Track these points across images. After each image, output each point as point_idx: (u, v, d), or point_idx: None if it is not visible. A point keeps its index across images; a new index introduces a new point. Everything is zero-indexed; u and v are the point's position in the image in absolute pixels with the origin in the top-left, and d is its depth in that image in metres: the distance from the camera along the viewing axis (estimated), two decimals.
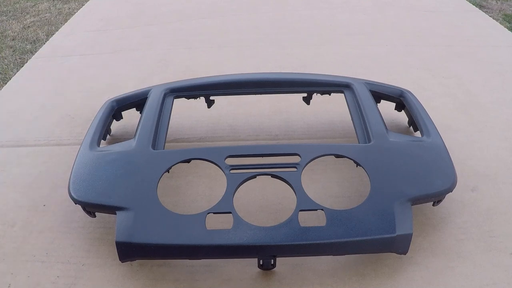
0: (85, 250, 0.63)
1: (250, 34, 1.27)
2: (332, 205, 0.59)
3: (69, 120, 0.91)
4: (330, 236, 0.54)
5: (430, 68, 1.06)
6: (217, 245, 0.54)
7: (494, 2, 3.60)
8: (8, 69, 2.85)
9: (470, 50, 1.15)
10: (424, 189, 0.60)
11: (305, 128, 0.86)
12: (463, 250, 0.61)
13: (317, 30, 1.29)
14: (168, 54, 1.17)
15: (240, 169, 0.62)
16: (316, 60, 1.12)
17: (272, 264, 0.57)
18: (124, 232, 0.55)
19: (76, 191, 0.62)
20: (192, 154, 0.66)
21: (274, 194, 0.70)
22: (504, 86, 0.98)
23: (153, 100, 0.78)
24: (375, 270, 0.59)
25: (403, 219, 0.56)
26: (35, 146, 0.84)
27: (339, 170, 0.75)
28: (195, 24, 1.36)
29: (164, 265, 0.60)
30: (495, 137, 0.82)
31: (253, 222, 0.56)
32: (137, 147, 0.67)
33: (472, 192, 0.70)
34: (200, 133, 0.86)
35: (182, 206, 0.69)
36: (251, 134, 0.85)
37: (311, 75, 0.85)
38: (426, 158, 0.64)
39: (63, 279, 0.59)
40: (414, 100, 0.78)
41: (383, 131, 0.69)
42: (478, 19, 1.34)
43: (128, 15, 1.45)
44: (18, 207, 0.70)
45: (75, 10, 3.38)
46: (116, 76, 1.08)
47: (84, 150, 0.69)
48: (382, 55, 1.13)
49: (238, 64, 1.11)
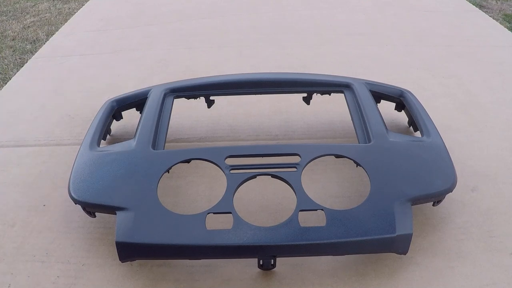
0: (85, 250, 0.63)
1: (250, 34, 1.27)
2: (332, 205, 0.59)
3: (69, 120, 0.91)
4: (330, 236, 0.54)
5: (430, 68, 1.06)
6: (217, 245, 0.54)
7: (494, 2, 3.60)
8: (8, 69, 2.85)
9: (470, 50, 1.15)
10: (424, 189, 0.60)
11: (305, 128, 0.86)
12: (463, 250, 0.61)
13: (317, 30, 1.29)
14: (168, 54, 1.17)
15: (240, 169, 0.62)
16: (316, 60, 1.12)
17: (272, 264, 0.57)
18: (124, 232, 0.55)
19: (76, 191, 0.62)
20: (192, 154, 0.66)
21: (274, 194, 0.70)
22: (504, 86, 0.98)
23: (153, 100, 0.78)
24: (375, 270, 0.59)
25: (403, 219, 0.56)
26: (35, 146, 0.84)
27: (339, 170, 0.75)
28: (195, 24, 1.36)
29: (164, 265, 0.60)
30: (495, 137, 0.82)
31: (253, 222, 0.56)
32: (137, 147, 0.67)
33: (472, 192, 0.70)
34: (200, 133, 0.86)
35: (182, 206, 0.69)
36: (251, 134, 0.85)
37: (311, 75, 0.85)
38: (426, 158, 0.64)
39: (63, 279, 0.59)
40: (414, 100, 0.78)
41: (383, 131, 0.69)
42: (478, 19, 1.34)
43: (128, 15, 1.45)
44: (18, 207, 0.70)
45: (75, 10, 3.38)
46: (116, 76, 1.08)
47: (84, 150, 0.69)
48: (382, 55, 1.13)
49: (238, 64, 1.11)
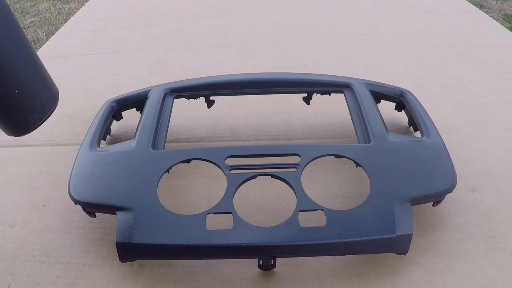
0: (85, 250, 0.63)
1: (250, 34, 1.27)
2: (332, 206, 0.59)
3: (69, 120, 0.91)
4: (330, 236, 0.54)
5: (430, 68, 1.06)
6: (217, 245, 0.54)
7: (494, 2, 3.60)
8: None
9: (470, 50, 1.15)
10: (424, 189, 0.60)
11: (305, 128, 0.86)
12: (463, 250, 0.61)
13: (317, 30, 1.29)
14: (168, 54, 1.17)
15: (240, 169, 0.62)
16: (316, 60, 1.12)
17: (272, 265, 0.57)
18: (124, 232, 0.55)
19: (76, 191, 0.62)
20: (192, 154, 0.66)
21: (274, 194, 0.70)
22: (504, 86, 0.98)
23: (153, 100, 0.78)
24: (375, 270, 0.59)
25: (403, 220, 0.56)
26: (35, 146, 0.84)
27: (339, 170, 0.75)
28: (195, 24, 1.36)
29: (164, 266, 0.60)
30: (495, 137, 0.82)
31: (253, 222, 0.56)
32: (137, 147, 0.67)
33: (472, 192, 0.70)
34: (200, 133, 0.86)
35: (182, 206, 0.69)
36: (251, 134, 0.85)
37: (311, 75, 0.85)
38: (426, 158, 0.64)
39: (63, 279, 0.59)
40: (414, 100, 0.78)
41: (383, 131, 0.69)
42: (478, 19, 1.34)
43: (128, 15, 1.45)
44: (18, 207, 0.70)
45: (75, 10, 3.38)
46: (116, 76, 1.08)
47: (84, 150, 0.69)
48: (382, 55, 1.13)
49: (238, 64, 1.11)
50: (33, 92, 0.55)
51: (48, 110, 0.58)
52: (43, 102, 0.57)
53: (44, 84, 0.58)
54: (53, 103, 0.59)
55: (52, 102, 0.59)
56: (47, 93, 0.58)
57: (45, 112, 0.57)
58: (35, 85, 0.56)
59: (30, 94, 0.55)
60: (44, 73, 0.58)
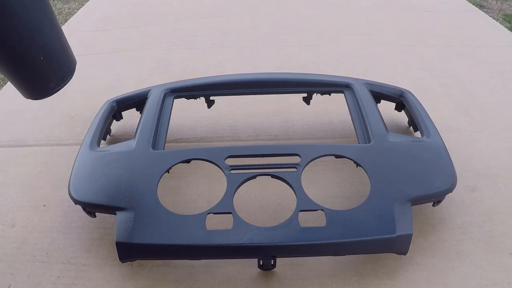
0: (85, 250, 0.63)
1: (250, 34, 1.27)
2: (332, 206, 0.59)
3: (69, 120, 0.91)
4: (330, 236, 0.54)
5: (430, 68, 1.06)
6: (217, 245, 0.54)
7: (494, 2, 3.60)
8: None
9: (470, 50, 1.15)
10: (424, 189, 0.60)
11: (305, 128, 0.86)
12: (463, 250, 0.61)
13: (317, 30, 1.29)
14: (168, 54, 1.17)
15: (240, 169, 0.62)
16: (316, 60, 1.12)
17: (272, 265, 0.57)
18: (124, 233, 0.55)
19: (76, 191, 0.62)
20: (192, 154, 0.66)
21: (274, 194, 0.70)
22: (504, 86, 0.98)
23: (153, 100, 0.78)
24: (375, 270, 0.59)
25: (403, 220, 0.56)
26: (35, 146, 0.84)
27: (339, 170, 0.75)
28: (195, 24, 1.36)
29: (164, 266, 0.60)
30: (495, 137, 0.82)
31: (253, 222, 0.56)
32: (137, 147, 0.67)
33: (472, 192, 0.70)
34: (200, 133, 0.86)
35: (182, 206, 0.69)
36: (251, 135, 0.85)
37: (311, 75, 0.85)
38: (426, 158, 0.64)
39: (63, 280, 0.59)
40: (414, 100, 0.78)
41: (383, 131, 0.69)
42: (478, 19, 1.34)
43: (128, 15, 1.45)
44: (18, 207, 0.70)
45: (75, 10, 3.38)
46: (116, 76, 1.08)
47: (84, 150, 0.69)
48: (382, 55, 1.13)
49: (238, 64, 1.11)
50: (56, 60, 0.62)
51: (67, 77, 0.65)
52: (63, 70, 0.64)
53: (66, 53, 0.65)
54: (71, 72, 0.67)
55: (71, 71, 0.67)
56: (67, 62, 0.65)
57: (64, 79, 0.65)
58: (58, 54, 0.63)
59: (53, 62, 0.62)
60: (66, 44, 0.65)
